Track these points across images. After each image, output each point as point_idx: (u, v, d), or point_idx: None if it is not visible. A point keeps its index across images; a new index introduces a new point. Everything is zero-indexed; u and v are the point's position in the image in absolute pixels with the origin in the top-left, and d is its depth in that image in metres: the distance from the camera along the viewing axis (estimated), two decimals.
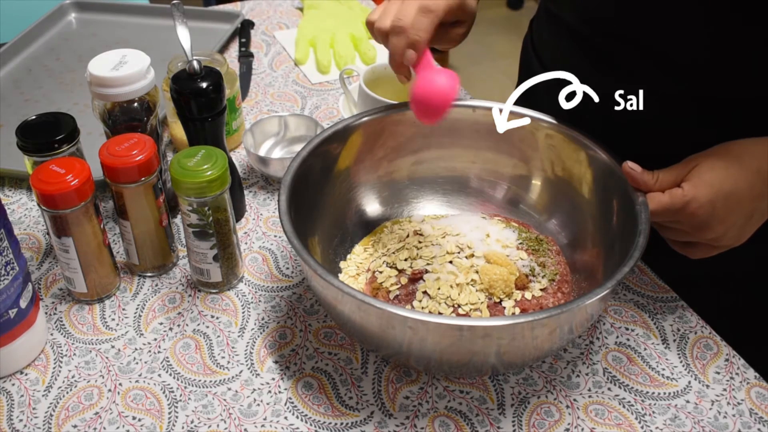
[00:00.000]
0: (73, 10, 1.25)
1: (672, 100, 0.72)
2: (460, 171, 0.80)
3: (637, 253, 0.60)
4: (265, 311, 0.73)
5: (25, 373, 0.67)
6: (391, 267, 0.69)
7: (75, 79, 1.09)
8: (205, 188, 0.67)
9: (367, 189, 0.79)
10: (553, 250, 0.73)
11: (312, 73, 1.13)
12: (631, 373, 0.67)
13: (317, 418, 0.63)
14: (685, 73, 0.70)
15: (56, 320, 0.72)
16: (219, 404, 0.65)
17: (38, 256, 0.80)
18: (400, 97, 0.90)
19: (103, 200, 0.85)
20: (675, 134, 0.72)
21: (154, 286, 0.76)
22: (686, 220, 0.64)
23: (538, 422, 0.63)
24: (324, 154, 0.73)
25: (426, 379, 0.67)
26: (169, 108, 0.92)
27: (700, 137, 0.67)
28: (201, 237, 0.70)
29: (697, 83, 0.70)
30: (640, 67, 0.72)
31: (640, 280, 0.76)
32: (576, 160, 0.73)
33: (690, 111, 0.72)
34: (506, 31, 3.18)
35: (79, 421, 0.63)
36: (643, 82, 0.72)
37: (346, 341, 0.70)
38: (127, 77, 0.72)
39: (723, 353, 0.69)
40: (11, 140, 0.73)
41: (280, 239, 0.82)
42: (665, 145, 0.70)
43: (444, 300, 0.64)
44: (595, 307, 0.62)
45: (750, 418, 0.63)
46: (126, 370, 0.68)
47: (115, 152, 0.69)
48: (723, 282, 0.78)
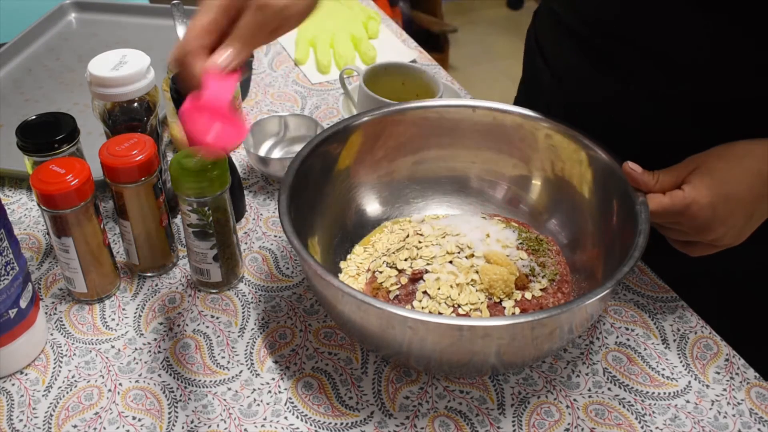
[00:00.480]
0: (73, 10, 1.25)
1: (672, 101, 0.72)
2: (460, 171, 0.80)
3: (637, 253, 0.60)
4: (265, 311, 0.73)
5: (25, 373, 0.67)
6: (391, 267, 0.69)
7: (75, 79, 1.09)
8: (205, 188, 0.67)
9: (367, 189, 0.79)
10: (553, 250, 0.73)
11: (312, 73, 1.13)
12: (631, 373, 0.67)
13: (317, 418, 0.63)
14: (685, 73, 0.70)
15: (56, 320, 0.72)
16: (219, 404, 0.65)
17: (38, 256, 0.80)
18: (400, 97, 0.90)
19: (103, 200, 0.85)
20: (674, 134, 0.72)
21: (154, 286, 0.76)
22: (687, 221, 0.64)
23: (538, 422, 0.63)
24: (324, 154, 0.73)
25: (426, 379, 0.67)
26: (169, 108, 0.92)
27: (699, 137, 0.67)
28: (201, 237, 0.70)
29: (698, 83, 0.70)
30: (640, 67, 0.72)
31: (640, 280, 0.76)
32: (576, 160, 0.73)
33: (689, 112, 0.72)
34: (506, 31, 3.19)
35: (79, 421, 0.63)
36: (643, 82, 0.72)
37: (346, 341, 0.70)
38: (127, 77, 0.72)
39: (723, 353, 0.69)
40: (11, 140, 0.73)
41: (280, 239, 0.82)
42: (665, 146, 0.70)
43: (444, 300, 0.64)
44: (595, 307, 0.62)
45: (750, 418, 0.63)
46: (126, 370, 0.68)
47: (115, 152, 0.69)
48: (723, 282, 0.78)
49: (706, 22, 0.66)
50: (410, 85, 0.94)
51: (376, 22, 1.22)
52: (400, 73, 0.95)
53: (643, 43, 0.71)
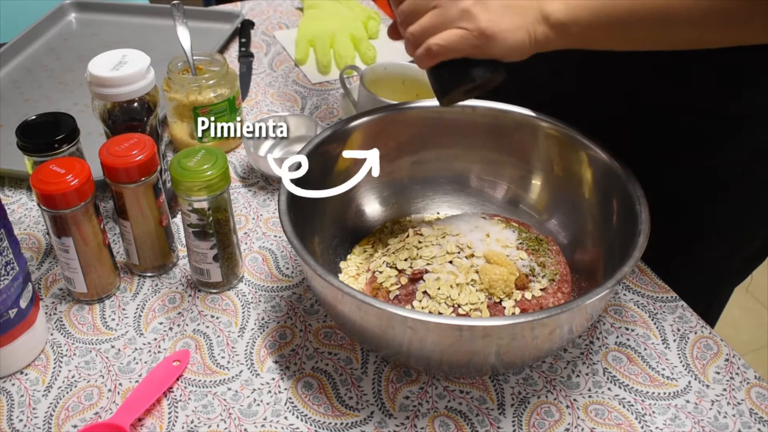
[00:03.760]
0: (73, 10, 1.25)
1: (655, 108, 0.73)
2: (460, 171, 0.80)
3: (637, 253, 0.60)
4: (265, 311, 0.73)
5: (25, 373, 0.67)
6: (391, 267, 0.69)
7: (75, 79, 1.09)
8: (204, 188, 0.67)
9: (367, 189, 0.79)
10: (553, 250, 0.73)
11: (312, 73, 1.13)
12: (631, 373, 0.67)
13: (317, 418, 0.63)
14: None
15: (56, 320, 0.72)
16: (219, 404, 0.65)
17: (38, 256, 0.80)
18: (400, 97, 0.90)
19: (103, 200, 0.85)
20: (667, 135, 0.73)
21: (154, 286, 0.76)
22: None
23: (538, 422, 0.63)
24: (324, 154, 0.73)
25: (426, 379, 0.67)
26: (169, 108, 0.92)
27: (692, 138, 0.67)
28: (201, 237, 0.70)
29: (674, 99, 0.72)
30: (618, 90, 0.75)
31: (640, 280, 0.76)
32: (576, 160, 0.73)
33: (675, 117, 0.73)
34: None
35: (79, 421, 0.63)
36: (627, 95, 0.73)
37: (346, 341, 0.70)
38: (127, 77, 0.72)
39: (723, 353, 0.69)
40: (11, 140, 0.73)
41: (280, 239, 0.82)
42: (663, 146, 0.71)
43: (444, 300, 0.64)
44: (595, 307, 0.62)
45: (750, 418, 0.63)
46: (126, 370, 0.68)
47: (115, 152, 0.69)
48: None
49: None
50: (410, 85, 0.94)
51: (376, 22, 1.22)
52: (400, 73, 0.95)
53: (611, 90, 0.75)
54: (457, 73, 0.62)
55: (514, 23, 0.59)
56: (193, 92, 0.89)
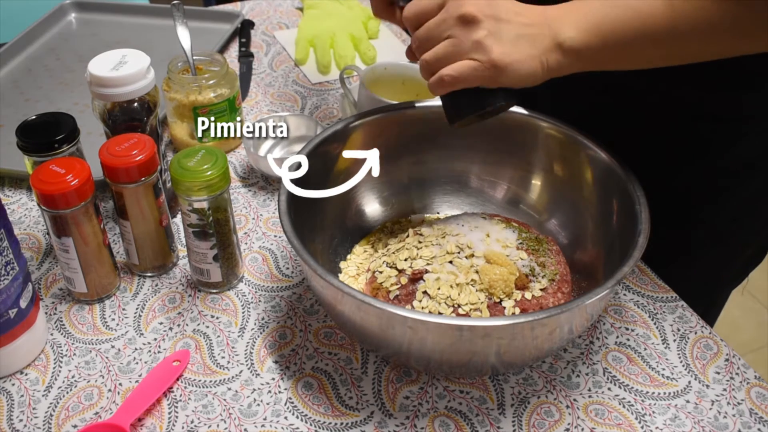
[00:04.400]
0: (73, 10, 1.25)
1: (657, 110, 0.73)
2: (460, 171, 0.80)
3: (637, 253, 0.60)
4: (265, 311, 0.73)
5: (25, 373, 0.67)
6: (391, 267, 0.69)
7: (75, 79, 1.09)
8: (204, 188, 0.67)
9: (367, 189, 0.79)
10: (553, 250, 0.73)
11: (312, 73, 1.13)
12: (631, 373, 0.67)
13: (317, 418, 0.63)
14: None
15: (56, 320, 0.72)
16: (219, 404, 0.65)
17: (38, 256, 0.80)
18: (400, 97, 0.90)
19: (103, 200, 0.85)
20: (668, 136, 0.73)
21: (154, 286, 0.76)
22: (452, 11, 0.60)
23: (538, 422, 0.63)
24: (324, 154, 0.73)
25: (426, 379, 0.67)
26: (169, 108, 0.92)
27: (694, 140, 0.67)
28: (201, 237, 0.70)
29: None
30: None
31: (640, 280, 0.76)
32: (576, 160, 0.73)
33: (676, 119, 0.73)
34: None
35: (79, 421, 0.63)
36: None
37: (346, 341, 0.70)
38: (127, 77, 0.72)
39: (723, 353, 0.69)
40: (11, 140, 0.73)
41: (280, 239, 0.82)
42: (664, 147, 0.71)
43: (444, 300, 0.64)
44: (595, 307, 0.62)
45: (750, 418, 0.63)
46: (126, 370, 0.68)
47: (115, 152, 0.69)
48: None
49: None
50: (410, 85, 0.94)
51: (376, 22, 1.22)
52: (400, 73, 0.95)
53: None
54: (469, 100, 0.63)
55: (526, 53, 0.59)
56: (193, 92, 0.89)
